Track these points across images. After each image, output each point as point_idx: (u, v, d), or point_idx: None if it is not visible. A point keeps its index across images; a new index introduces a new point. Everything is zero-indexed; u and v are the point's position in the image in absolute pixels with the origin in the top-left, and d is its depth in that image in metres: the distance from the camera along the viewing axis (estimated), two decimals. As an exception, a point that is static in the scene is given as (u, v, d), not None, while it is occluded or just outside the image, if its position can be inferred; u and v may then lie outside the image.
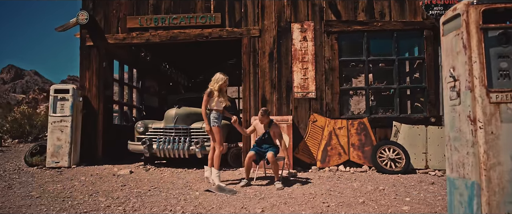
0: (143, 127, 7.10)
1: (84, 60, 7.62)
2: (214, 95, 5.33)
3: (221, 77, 5.41)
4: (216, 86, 5.36)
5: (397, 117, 6.98)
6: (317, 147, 7.01)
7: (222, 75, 5.44)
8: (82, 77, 7.62)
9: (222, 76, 5.43)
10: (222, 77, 5.42)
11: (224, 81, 5.41)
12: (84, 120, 7.45)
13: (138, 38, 7.48)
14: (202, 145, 6.64)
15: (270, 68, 7.20)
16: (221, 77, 5.42)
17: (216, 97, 5.33)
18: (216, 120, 5.35)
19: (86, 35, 7.64)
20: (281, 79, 7.16)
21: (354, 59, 7.28)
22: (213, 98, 5.33)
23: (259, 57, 7.24)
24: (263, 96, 7.16)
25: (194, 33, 7.39)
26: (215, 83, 5.37)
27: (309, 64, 7.13)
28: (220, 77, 5.41)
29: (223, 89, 5.41)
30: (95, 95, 7.56)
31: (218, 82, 5.37)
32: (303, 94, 7.11)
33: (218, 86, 5.36)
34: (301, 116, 7.09)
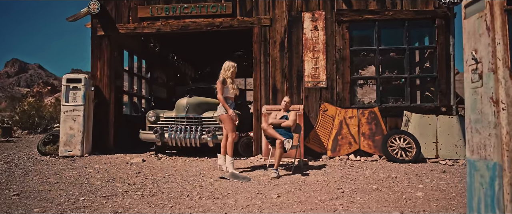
0: (154, 116, 7.15)
1: (96, 50, 7.67)
2: (228, 83, 5.37)
3: (231, 64, 5.48)
4: (228, 73, 5.41)
5: (407, 106, 6.98)
6: (327, 136, 7.04)
7: (231, 63, 5.50)
8: (93, 66, 7.67)
9: (232, 63, 5.50)
10: (232, 64, 5.49)
11: (235, 68, 5.47)
12: (96, 110, 7.51)
13: (149, 27, 7.50)
14: (213, 133, 6.68)
15: (281, 58, 7.20)
16: (231, 64, 5.48)
17: (229, 84, 5.37)
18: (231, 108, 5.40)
19: (97, 25, 7.67)
20: (292, 69, 7.17)
21: (365, 48, 7.26)
22: (227, 86, 5.38)
23: (270, 46, 7.25)
24: (274, 86, 7.18)
25: (205, 22, 7.40)
26: (227, 71, 5.42)
27: (320, 53, 7.13)
28: (230, 64, 5.47)
29: (233, 77, 5.48)
30: (107, 85, 7.61)
31: (229, 69, 5.42)
32: (314, 84, 7.12)
33: (230, 74, 5.41)
34: (312, 105, 7.10)
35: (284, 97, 5.89)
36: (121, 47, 8.74)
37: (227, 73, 5.42)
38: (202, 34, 10.54)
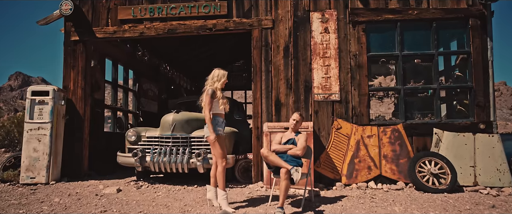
0: (135, 135, 6.00)
1: (68, 58, 6.57)
2: (217, 96, 4.25)
3: (222, 73, 4.36)
4: (218, 84, 4.29)
5: (438, 122, 5.81)
6: (342, 159, 5.86)
7: (222, 71, 4.38)
8: (65, 77, 6.55)
9: (222, 71, 4.38)
10: (223, 72, 4.37)
11: (225, 78, 4.36)
12: (67, 127, 6.37)
13: (131, 31, 6.41)
14: (204, 157, 5.51)
15: (285, 66, 6.08)
16: (222, 72, 4.36)
17: (219, 98, 4.25)
18: (219, 127, 4.25)
19: (71, 29, 6.59)
20: (298, 79, 6.04)
21: (385, 54, 6.13)
22: (217, 99, 4.25)
23: (272, 52, 6.13)
24: (277, 99, 6.04)
25: (195, 25, 6.30)
26: (217, 82, 4.30)
27: (332, 60, 6.00)
28: (220, 73, 4.35)
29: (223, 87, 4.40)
30: (81, 98, 6.48)
31: (220, 79, 4.31)
32: (325, 96, 5.97)
33: (220, 85, 4.30)
34: (323, 122, 5.94)
35: (294, 114, 4.74)
36: (102, 55, 7.66)
37: (217, 84, 4.29)
38: (194, 39, 9.50)
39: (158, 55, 10.17)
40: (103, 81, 7.62)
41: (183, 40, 9.43)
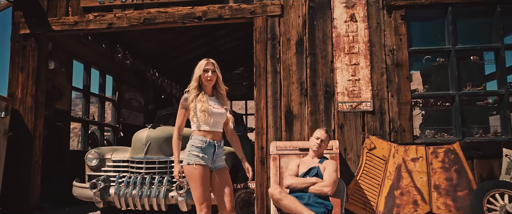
0: (96, 158, 4.45)
1: (16, 57, 5.07)
2: (192, 101, 2.86)
3: (199, 63, 2.97)
4: (193, 83, 2.91)
5: (508, 140, 4.26)
6: (377, 190, 4.29)
7: (203, 61, 2.98)
8: (11, 81, 5.05)
9: (203, 61, 2.97)
10: (200, 63, 2.97)
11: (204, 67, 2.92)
12: (13, 147, 4.85)
13: (97, 22, 4.93)
14: (188, 189, 3.95)
15: (298, 65, 4.57)
16: (200, 63, 2.97)
17: (197, 103, 2.84)
18: (197, 152, 2.79)
19: (21, 20, 5.12)
20: (316, 82, 4.52)
21: (433, 49, 4.61)
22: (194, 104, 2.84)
23: (281, 47, 4.63)
24: (288, 109, 4.50)
25: (180, 13, 4.82)
26: (193, 81, 2.92)
27: (361, 57, 4.49)
28: (199, 63, 2.96)
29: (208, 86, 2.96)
30: (30, 109, 4.96)
31: (195, 73, 2.92)
32: (352, 106, 4.44)
33: (194, 82, 2.90)
34: (350, 140, 4.40)
35: (317, 131, 3.27)
36: (69, 55, 6.19)
37: (192, 83, 2.92)
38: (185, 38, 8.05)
39: (144, 59, 8.69)
40: (69, 88, 6.12)
41: (172, 39, 7.99)
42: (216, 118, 2.88)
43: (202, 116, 2.81)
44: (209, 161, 2.84)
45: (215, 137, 2.87)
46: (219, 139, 2.91)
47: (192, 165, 2.77)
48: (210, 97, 2.94)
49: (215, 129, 2.87)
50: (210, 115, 2.83)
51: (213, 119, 2.85)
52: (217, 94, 3.00)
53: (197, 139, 2.88)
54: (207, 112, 2.83)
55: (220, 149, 2.90)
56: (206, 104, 2.81)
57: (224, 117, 2.94)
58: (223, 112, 2.92)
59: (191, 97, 2.85)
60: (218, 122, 2.89)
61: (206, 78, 2.88)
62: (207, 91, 2.95)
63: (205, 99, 2.84)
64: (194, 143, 2.87)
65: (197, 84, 2.90)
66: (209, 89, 2.97)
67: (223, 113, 2.92)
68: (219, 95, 3.00)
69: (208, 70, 2.91)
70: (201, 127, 2.88)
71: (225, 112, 2.93)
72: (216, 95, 2.99)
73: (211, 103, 2.89)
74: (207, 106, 2.80)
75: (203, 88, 2.94)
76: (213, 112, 2.86)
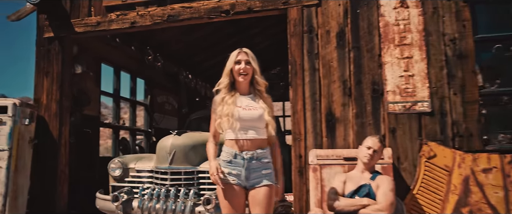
0: (120, 168, 4.12)
1: (41, 61, 4.89)
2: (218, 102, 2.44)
3: (232, 53, 2.50)
4: (223, 79, 2.46)
5: None
6: (439, 206, 3.59)
7: (235, 51, 2.51)
8: (37, 87, 4.87)
9: (234, 52, 2.51)
10: (233, 52, 2.50)
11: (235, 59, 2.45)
12: (38, 155, 4.66)
13: (119, 21, 4.62)
14: (217, 204, 3.49)
15: (340, 60, 3.97)
16: (233, 53, 2.50)
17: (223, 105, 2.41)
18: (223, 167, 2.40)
19: (45, 23, 4.93)
20: (361, 80, 3.90)
21: (507, 35, 3.82)
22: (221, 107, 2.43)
23: (320, 41, 4.05)
24: (329, 112, 3.92)
25: (205, 7, 4.39)
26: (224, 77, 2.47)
27: (415, 49, 3.81)
28: (231, 55, 2.49)
29: (243, 82, 2.45)
30: (55, 115, 4.74)
31: (228, 65, 2.46)
32: (406, 106, 3.77)
33: (226, 78, 2.45)
34: (404, 147, 3.73)
35: (368, 139, 2.72)
36: (97, 59, 5.98)
37: (223, 80, 2.47)
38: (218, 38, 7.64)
39: (176, 61, 8.41)
40: (97, 93, 5.91)
41: (204, 39, 7.63)
42: (246, 122, 2.36)
43: (226, 121, 2.34)
44: (240, 178, 2.35)
45: (246, 147, 2.35)
46: (253, 148, 2.35)
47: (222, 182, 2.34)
48: (246, 96, 2.46)
49: (247, 136, 2.35)
50: (236, 120, 2.34)
51: (240, 123, 2.35)
52: (255, 91, 2.48)
53: (223, 151, 2.44)
54: (231, 116, 2.34)
55: (257, 162, 2.35)
56: (231, 107, 2.33)
57: (261, 120, 2.38)
58: (258, 113, 2.37)
59: (218, 98, 2.41)
60: (251, 126, 2.38)
61: (238, 72, 2.40)
62: (241, 88, 2.47)
63: (232, 100, 2.37)
64: (222, 156, 2.43)
65: (228, 81, 2.43)
66: (245, 86, 2.47)
67: (258, 114, 2.37)
68: (257, 92, 2.47)
69: (240, 61, 2.41)
70: (227, 135, 2.42)
71: (261, 112, 2.37)
72: (253, 93, 2.49)
73: (243, 103, 2.40)
74: (232, 109, 2.33)
75: (236, 86, 2.46)
76: (241, 116, 2.35)
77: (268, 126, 2.39)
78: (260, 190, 2.34)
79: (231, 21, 7.13)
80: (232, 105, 2.34)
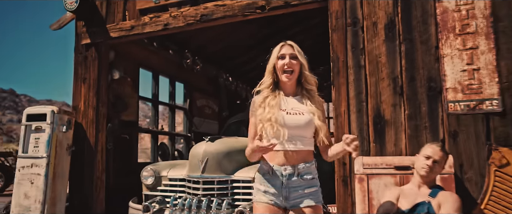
0: (152, 176, 3.95)
1: (79, 68, 4.90)
2: (262, 104, 2.08)
3: (275, 48, 2.14)
4: (266, 79, 2.12)
5: None
6: (515, 225, 3.00)
7: (278, 45, 2.16)
8: (75, 94, 4.88)
9: (277, 46, 2.15)
10: (277, 47, 2.14)
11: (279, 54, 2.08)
12: (76, 162, 4.66)
13: (152, 24, 4.49)
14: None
15: (389, 55, 3.50)
16: (276, 47, 2.15)
17: (265, 107, 2.05)
18: (258, 184, 2.05)
19: (83, 29, 4.94)
20: (415, 76, 3.40)
21: None
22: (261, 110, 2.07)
23: (366, 34, 3.61)
24: (378, 114, 3.45)
25: (239, 4, 4.11)
26: (266, 75, 2.13)
27: (481, 38, 3.25)
28: (274, 50, 2.15)
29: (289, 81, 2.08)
30: (92, 122, 4.71)
31: (271, 62, 2.11)
32: (470, 105, 3.22)
33: (269, 77, 2.10)
34: (468, 154, 3.18)
35: (427, 146, 2.29)
36: (135, 64, 5.95)
37: (265, 80, 2.14)
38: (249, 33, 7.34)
39: (215, 63, 8.26)
40: (135, 98, 5.86)
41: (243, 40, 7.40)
42: (291, 130, 1.97)
43: (269, 128, 1.95)
44: (277, 197, 1.96)
45: (286, 160, 1.97)
46: (296, 161, 1.96)
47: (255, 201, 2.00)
48: (292, 97, 2.09)
49: (289, 147, 1.97)
50: (281, 126, 1.95)
51: (287, 131, 1.95)
52: (303, 92, 2.11)
53: (261, 164, 2.07)
54: (275, 121, 1.95)
55: (299, 178, 1.96)
56: (275, 110, 1.96)
57: (308, 126, 2.00)
58: (305, 119, 1.98)
59: (259, 98, 2.06)
60: (296, 135, 1.98)
61: (282, 69, 2.03)
62: (287, 88, 2.10)
63: (276, 102, 2.01)
64: (259, 169, 2.07)
65: (271, 80, 2.08)
66: (291, 85, 2.09)
67: (305, 120, 1.99)
68: (305, 93, 2.10)
69: (284, 56, 2.03)
70: (273, 139, 2.00)
71: (309, 118, 1.99)
72: (301, 94, 2.11)
73: (288, 106, 2.04)
74: (276, 113, 1.95)
75: (281, 86, 2.11)
76: (285, 122, 1.96)
77: (320, 133, 2.00)
78: (304, 211, 1.97)
79: (271, 21, 6.89)
80: (275, 108, 1.96)
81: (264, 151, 1.88)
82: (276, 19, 6.83)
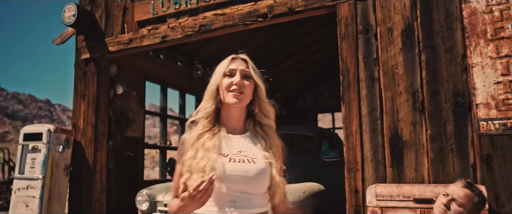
0: (147, 201, 3.65)
1: (79, 84, 4.71)
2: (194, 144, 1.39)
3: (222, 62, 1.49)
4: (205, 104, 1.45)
5: None
6: None
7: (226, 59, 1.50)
8: (75, 111, 4.68)
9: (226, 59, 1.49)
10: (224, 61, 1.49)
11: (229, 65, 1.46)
12: (75, 182, 4.44)
13: (150, 36, 4.22)
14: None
15: (407, 66, 3.03)
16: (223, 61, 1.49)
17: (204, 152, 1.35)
18: None
19: (82, 44, 4.75)
20: (438, 90, 2.91)
21: None
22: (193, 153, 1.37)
23: (380, 42, 3.16)
24: (395, 134, 2.99)
25: (240, 12, 3.76)
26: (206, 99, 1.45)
27: (517, 44, 2.73)
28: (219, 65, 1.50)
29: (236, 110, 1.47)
30: (91, 140, 4.48)
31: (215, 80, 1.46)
32: (508, 124, 2.70)
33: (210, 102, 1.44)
34: (506, 183, 2.66)
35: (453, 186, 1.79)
36: (140, 77, 5.73)
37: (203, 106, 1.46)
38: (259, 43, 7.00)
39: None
40: (141, 113, 5.63)
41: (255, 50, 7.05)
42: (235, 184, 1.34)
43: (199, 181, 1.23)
44: None
45: None
46: None
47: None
48: (238, 136, 1.48)
49: (234, 209, 1.34)
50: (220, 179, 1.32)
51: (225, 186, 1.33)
52: (255, 128, 1.50)
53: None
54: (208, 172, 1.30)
55: None
56: (211, 155, 1.34)
57: (263, 177, 1.38)
58: (256, 168, 1.37)
59: (191, 137, 1.42)
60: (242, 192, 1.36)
61: (228, 89, 1.43)
62: (232, 122, 1.49)
63: (213, 143, 1.38)
64: None
65: (213, 107, 1.45)
66: (238, 116, 1.49)
67: (256, 170, 1.37)
68: (258, 129, 1.49)
69: (233, 72, 1.45)
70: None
71: (262, 167, 1.38)
72: (252, 131, 1.50)
73: (232, 149, 1.42)
74: (213, 159, 1.33)
75: (222, 119, 1.49)
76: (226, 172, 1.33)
77: (275, 194, 1.41)
78: None
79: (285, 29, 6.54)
80: (212, 152, 1.35)
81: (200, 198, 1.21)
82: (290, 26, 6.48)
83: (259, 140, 1.46)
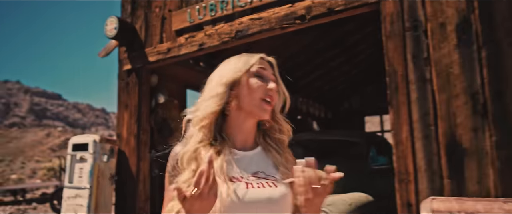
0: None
1: (122, 95, 4.81)
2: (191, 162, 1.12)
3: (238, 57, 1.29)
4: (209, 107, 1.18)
5: None
6: None
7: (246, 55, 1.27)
8: (119, 121, 4.79)
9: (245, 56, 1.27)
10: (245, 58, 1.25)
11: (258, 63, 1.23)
12: (119, 191, 4.53)
13: (188, 45, 4.20)
14: None
15: (464, 64, 2.70)
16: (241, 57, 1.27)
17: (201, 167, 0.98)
18: None
19: (124, 55, 4.86)
20: (503, 89, 2.56)
21: None
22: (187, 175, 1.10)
23: (431, 39, 2.86)
24: (452, 141, 2.66)
25: (277, 16, 3.62)
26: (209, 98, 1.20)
27: None
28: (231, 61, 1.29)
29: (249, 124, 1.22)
30: (133, 150, 4.55)
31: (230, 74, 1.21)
32: None
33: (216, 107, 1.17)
34: None
35: None
36: (181, 85, 5.77)
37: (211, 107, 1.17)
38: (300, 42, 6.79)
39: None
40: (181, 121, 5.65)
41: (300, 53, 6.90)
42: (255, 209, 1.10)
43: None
44: None
45: None
46: None
47: None
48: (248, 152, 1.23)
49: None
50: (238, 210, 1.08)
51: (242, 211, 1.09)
52: (266, 140, 1.29)
53: None
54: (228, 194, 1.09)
55: None
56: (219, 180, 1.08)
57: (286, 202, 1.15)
58: (281, 191, 1.15)
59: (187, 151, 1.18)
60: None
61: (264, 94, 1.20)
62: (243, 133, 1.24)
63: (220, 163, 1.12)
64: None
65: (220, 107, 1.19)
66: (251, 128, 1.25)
67: (280, 193, 1.14)
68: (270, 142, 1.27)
69: (266, 75, 1.23)
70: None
71: (284, 192, 1.14)
72: (264, 145, 1.27)
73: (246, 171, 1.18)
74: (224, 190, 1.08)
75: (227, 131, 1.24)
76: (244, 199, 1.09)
77: None
78: None
79: (326, 31, 6.30)
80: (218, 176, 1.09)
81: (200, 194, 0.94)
82: (332, 29, 6.23)
83: (273, 155, 1.24)
